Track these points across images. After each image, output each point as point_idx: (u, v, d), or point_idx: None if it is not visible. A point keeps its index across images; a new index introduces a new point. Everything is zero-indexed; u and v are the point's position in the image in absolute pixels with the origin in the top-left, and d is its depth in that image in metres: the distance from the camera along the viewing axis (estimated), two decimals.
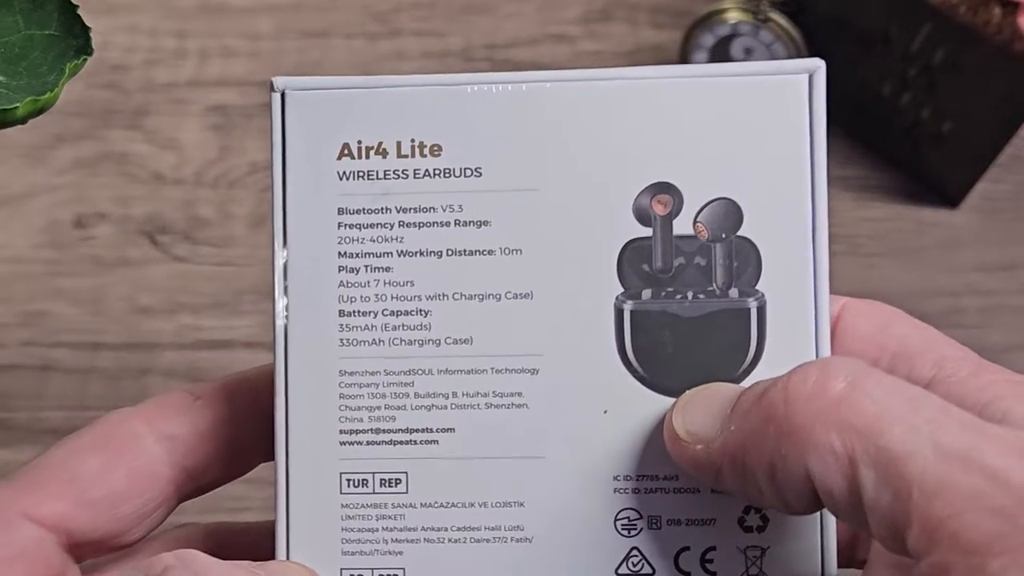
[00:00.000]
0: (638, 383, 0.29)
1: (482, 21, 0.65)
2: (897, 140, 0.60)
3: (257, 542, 0.32)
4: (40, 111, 0.29)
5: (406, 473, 0.29)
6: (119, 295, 0.57)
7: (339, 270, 0.30)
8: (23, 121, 0.29)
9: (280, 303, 0.29)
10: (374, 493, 0.29)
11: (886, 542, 0.24)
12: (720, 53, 0.61)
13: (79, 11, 0.31)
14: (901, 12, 0.55)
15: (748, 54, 0.60)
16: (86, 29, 0.31)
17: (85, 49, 0.31)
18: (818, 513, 0.29)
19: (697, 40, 0.61)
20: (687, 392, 0.29)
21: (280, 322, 0.29)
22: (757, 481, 0.26)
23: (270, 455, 0.30)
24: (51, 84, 0.30)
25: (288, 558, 0.29)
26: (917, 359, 0.29)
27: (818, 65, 0.29)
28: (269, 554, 0.30)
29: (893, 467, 0.23)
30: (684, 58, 0.62)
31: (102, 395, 0.54)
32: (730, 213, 0.29)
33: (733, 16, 0.59)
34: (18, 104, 0.29)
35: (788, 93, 0.29)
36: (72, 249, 0.58)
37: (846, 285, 0.57)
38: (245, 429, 0.31)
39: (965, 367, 0.28)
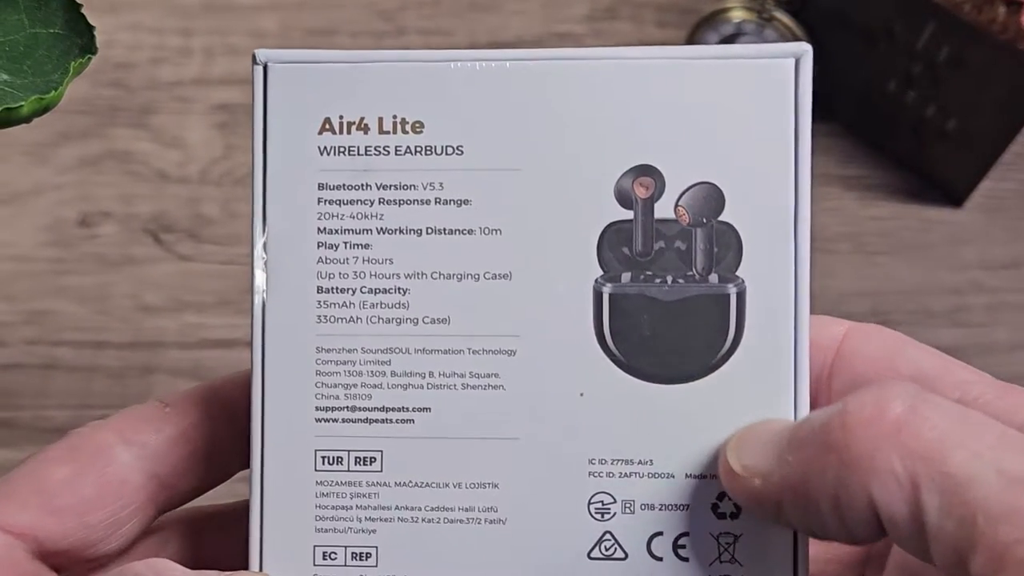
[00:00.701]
0: (615, 366, 0.29)
1: (487, 19, 0.65)
2: (901, 138, 0.59)
3: (227, 525, 0.32)
4: (45, 109, 0.30)
5: (381, 451, 0.29)
6: (123, 293, 0.57)
7: (318, 246, 0.29)
8: (28, 119, 0.29)
9: (258, 278, 0.29)
10: (349, 471, 0.29)
11: (949, 569, 0.24)
12: None
13: (83, 9, 0.31)
14: (906, 10, 0.55)
15: None
16: (90, 27, 0.31)
17: (89, 47, 0.31)
18: None
19: (702, 38, 0.61)
20: (739, 429, 0.28)
21: (258, 297, 0.29)
22: (820, 512, 0.26)
23: (247, 462, 0.30)
24: (55, 82, 0.30)
25: (261, 534, 0.29)
26: (937, 383, 0.29)
27: (805, 49, 0.29)
28: (244, 532, 0.30)
29: (957, 493, 0.23)
30: None
31: (106, 394, 0.54)
32: (712, 198, 0.29)
33: (737, 14, 0.59)
34: (23, 102, 0.29)
35: (774, 77, 0.29)
36: (76, 247, 0.58)
37: (851, 283, 0.57)
38: (218, 435, 0.31)
39: (990, 390, 0.28)
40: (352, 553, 0.29)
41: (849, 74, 0.59)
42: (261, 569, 0.29)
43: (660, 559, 0.29)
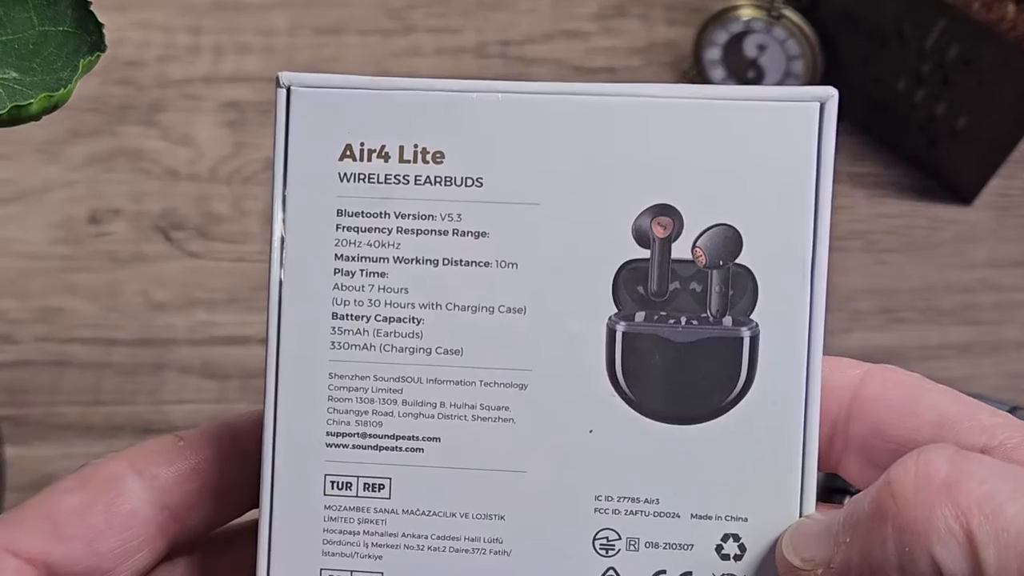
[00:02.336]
0: (625, 405, 0.29)
1: (496, 17, 0.65)
2: (911, 136, 0.59)
3: (235, 544, 0.32)
4: (54, 107, 0.30)
5: (390, 479, 0.29)
6: (134, 291, 0.57)
7: (335, 272, 0.29)
8: (37, 117, 0.30)
9: (274, 301, 0.29)
10: (357, 497, 0.29)
11: None
12: (733, 49, 0.61)
13: (93, 7, 0.31)
14: (915, 9, 0.55)
15: (761, 50, 0.60)
16: (99, 25, 0.31)
17: (99, 45, 0.31)
18: None
19: (710, 36, 0.61)
20: (788, 527, 0.29)
21: (273, 319, 0.29)
22: None
23: (257, 501, 0.30)
24: (65, 80, 0.30)
25: (269, 555, 0.29)
26: (959, 428, 0.29)
27: (830, 94, 0.28)
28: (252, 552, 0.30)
29: (1012, 546, 0.24)
30: (697, 54, 0.62)
31: (117, 390, 0.55)
32: (729, 240, 0.29)
33: (747, 13, 0.59)
34: (32, 100, 0.29)
35: (798, 121, 0.29)
36: (87, 245, 0.58)
37: (861, 281, 0.57)
38: (230, 472, 0.31)
39: (1017, 434, 0.28)
40: None
41: (859, 72, 0.59)
42: None
43: None
